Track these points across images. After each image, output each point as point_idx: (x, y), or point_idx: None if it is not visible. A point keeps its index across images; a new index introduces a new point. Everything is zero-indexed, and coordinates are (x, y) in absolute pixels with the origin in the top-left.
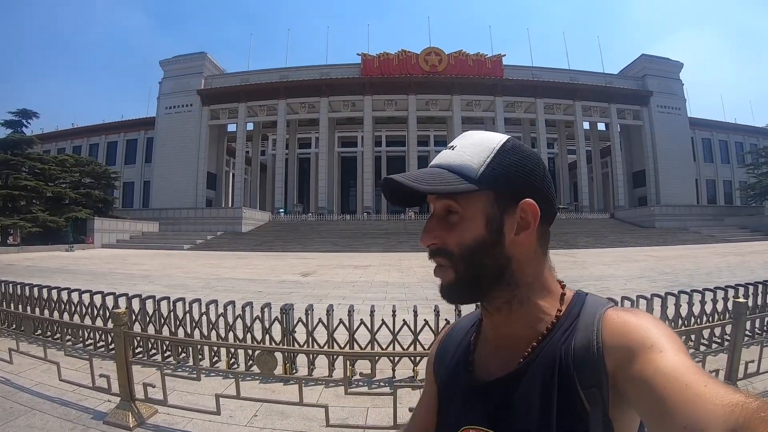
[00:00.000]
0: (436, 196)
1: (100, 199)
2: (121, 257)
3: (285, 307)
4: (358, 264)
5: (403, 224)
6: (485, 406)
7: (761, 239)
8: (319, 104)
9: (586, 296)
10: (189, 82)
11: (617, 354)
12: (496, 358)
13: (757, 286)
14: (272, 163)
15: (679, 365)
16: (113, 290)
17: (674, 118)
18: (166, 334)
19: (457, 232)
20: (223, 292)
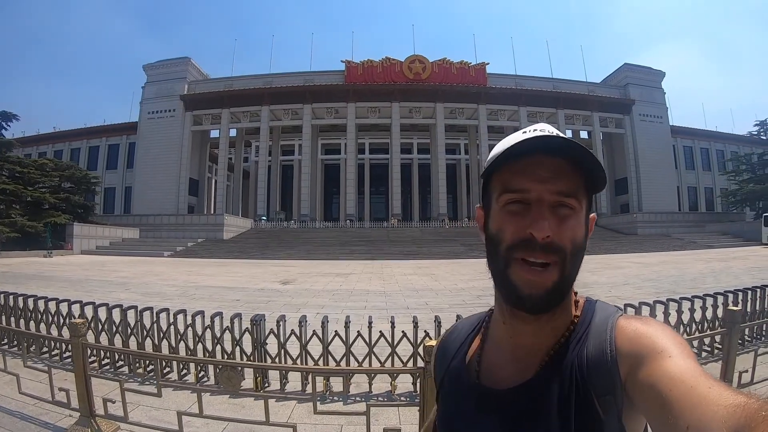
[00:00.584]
0: (559, 185)
1: (79, 204)
2: (100, 264)
3: (255, 318)
4: (339, 272)
5: (385, 232)
6: (500, 415)
7: (743, 245)
8: (303, 111)
9: (596, 303)
10: (172, 86)
11: (628, 361)
12: (512, 366)
13: (747, 292)
14: (255, 169)
15: (686, 369)
16: (88, 298)
17: (656, 126)
18: (133, 345)
19: (570, 226)
20: (199, 301)
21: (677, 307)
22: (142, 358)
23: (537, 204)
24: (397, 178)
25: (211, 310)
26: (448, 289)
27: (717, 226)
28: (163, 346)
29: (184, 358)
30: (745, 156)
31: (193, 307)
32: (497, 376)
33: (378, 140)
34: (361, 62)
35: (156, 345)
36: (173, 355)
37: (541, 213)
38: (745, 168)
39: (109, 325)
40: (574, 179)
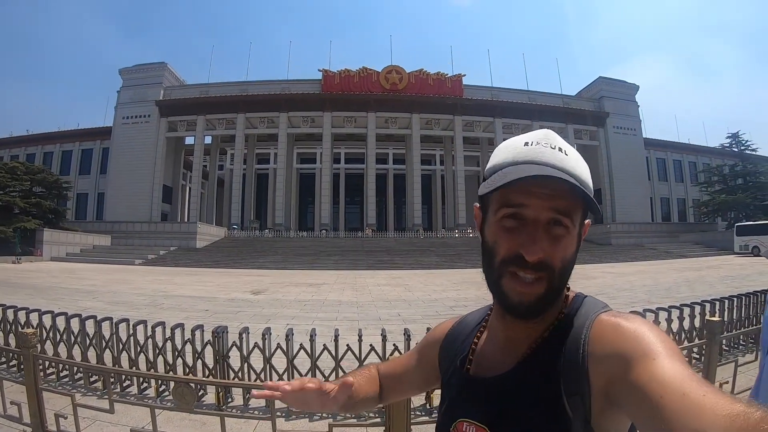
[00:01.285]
0: (554, 205)
1: (50, 209)
2: (69, 271)
3: (217, 330)
4: (312, 282)
5: (360, 242)
6: (479, 402)
7: (715, 254)
8: (279, 119)
9: (584, 299)
10: (148, 92)
11: (608, 362)
12: (500, 356)
13: (724, 301)
14: (230, 177)
15: (676, 373)
16: (53, 306)
17: (630, 138)
18: (93, 357)
19: (562, 246)
20: (168, 311)
21: (654, 318)
22: (90, 371)
23: (533, 224)
24: (372, 188)
25: (178, 320)
26: (421, 300)
27: (690, 236)
28: (123, 358)
29: (130, 372)
30: (717, 167)
31: (160, 317)
32: (488, 365)
33: (354, 150)
34: (338, 71)
35: (115, 357)
36: (119, 369)
37: (533, 235)
38: (717, 179)
39: (68, 335)
40: (571, 200)
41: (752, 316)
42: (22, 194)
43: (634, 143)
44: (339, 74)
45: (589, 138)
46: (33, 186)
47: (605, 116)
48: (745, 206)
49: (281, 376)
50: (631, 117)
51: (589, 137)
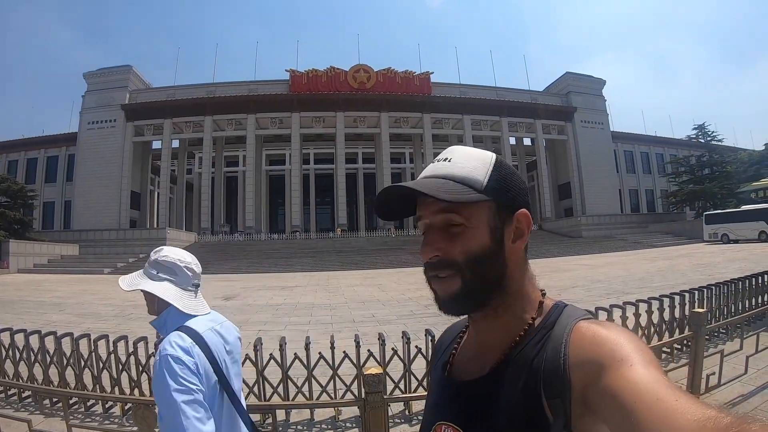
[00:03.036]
0: (436, 207)
1: (16, 219)
2: (36, 283)
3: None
4: (284, 285)
5: (331, 242)
6: (457, 405)
7: (685, 243)
8: (246, 121)
9: (564, 307)
10: (113, 96)
11: (586, 368)
12: (475, 360)
13: (703, 290)
14: (198, 181)
15: (650, 379)
16: (18, 320)
17: (597, 132)
18: (55, 375)
19: (461, 241)
20: (135, 321)
21: (635, 310)
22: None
23: (428, 229)
24: (342, 188)
25: (146, 331)
26: (395, 300)
27: (659, 226)
28: (87, 375)
29: (82, 394)
30: (685, 158)
31: (128, 328)
32: (465, 369)
33: (323, 150)
34: (305, 71)
35: (77, 375)
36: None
37: (427, 238)
38: (685, 170)
39: (28, 353)
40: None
41: (731, 305)
42: None
43: (601, 137)
44: (307, 74)
45: (558, 132)
46: None
47: (573, 111)
48: (713, 195)
49: (251, 389)
50: (599, 111)
51: (557, 132)
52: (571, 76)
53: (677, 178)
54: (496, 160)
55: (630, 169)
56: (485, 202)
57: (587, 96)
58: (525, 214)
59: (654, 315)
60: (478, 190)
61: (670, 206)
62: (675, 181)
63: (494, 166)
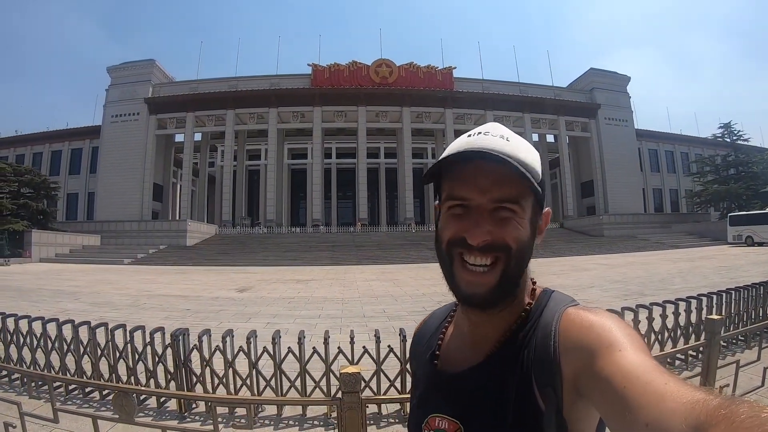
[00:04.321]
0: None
1: (39, 210)
2: (56, 272)
3: (176, 333)
4: (300, 278)
5: (351, 237)
6: (450, 396)
7: (708, 244)
8: (268, 115)
9: (551, 294)
10: (136, 90)
11: (576, 354)
12: (465, 351)
13: (722, 295)
14: (220, 174)
15: (639, 364)
16: (33, 308)
17: (621, 129)
18: (56, 362)
19: (512, 227)
20: (148, 311)
21: (648, 314)
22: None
23: (476, 210)
24: (363, 182)
25: (158, 320)
26: (408, 295)
27: (682, 226)
28: (85, 361)
29: (69, 380)
30: (709, 158)
31: (140, 318)
32: (455, 360)
33: (345, 144)
34: (327, 66)
35: (77, 361)
36: (56, 376)
37: (477, 220)
38: (709, 169)
39: (31, 339)
40: (514, 185)
41: (751, 310)
42: (10, 196)
43: (625, 134)
44: (329, 68)
45: (581, 129)
46: (21, 187)
47: (596, 108)
48: (738, 196)
49: (244, 381)
50: (623, 108)
51: (580, 129)
52: (595, 72)
53: (702, 178)
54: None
55: (654, 168)
56: (533, 195)
57: (611, 93)
58: (549, 213)
59: (669, 319)
60: (538, 182)
61: (694, 206)
62: (699, 180)
63: (539, 160)
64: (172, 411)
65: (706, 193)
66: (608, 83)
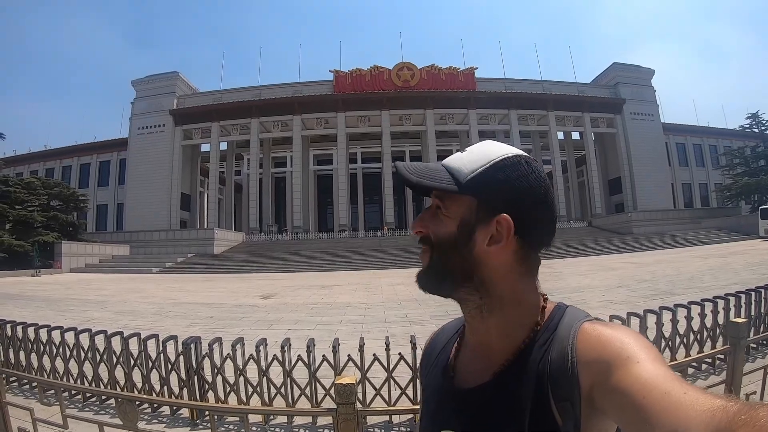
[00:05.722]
0: (435, 192)
1: (68, 222)
2: (85, 282)
3: (188, 341)
4: (325, 284)
5: (378, 241)
6: (461, 414)
7: (740, 239)
8: (292, 122)
9: (566, 309)
10: (161, 101)
11: (593, 367)
12: (474, 365)
13: (750, 294)
14: (247, 182)
15: (657, 374)
16: (60, 317)
17: (647, 124)
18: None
19: (435, 223)
20: (173, 318)
21: (672, 316)
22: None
23: (427, 207)
24: (389, 186)
25: (181, 327)
26: (433, 299)
27: (713, 221)
28: (102, 369)
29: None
30: (739, 150)
31: (163, 326)
32: (466, 375)
33: (370, 149)
34: (349, 71)
35: (94, 368)
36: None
37: (421, 213)
38: (739, 162)
39: (50, 347)
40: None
41: None
42: (40, 208)
43: (652, 129)
44: (350, 74)
45: (607, 125)
46: (50, 200)
47: (621, 103)
48: None
49: (255, 388)
50: (648, 102)
51: (606, 125)
52: (619, 66)
53: (731, 171)
54: (506, 159)
55: (682, 162)
56: (463, 196)
57: (636, 87)
58: (506, 219)
59: (695, 321)
60: (457, 183)
61: (724, 200)
62: (729, 174)
63: (493, 164)
64: (185, 418)
65: (736, 186)
66: (632, 77)
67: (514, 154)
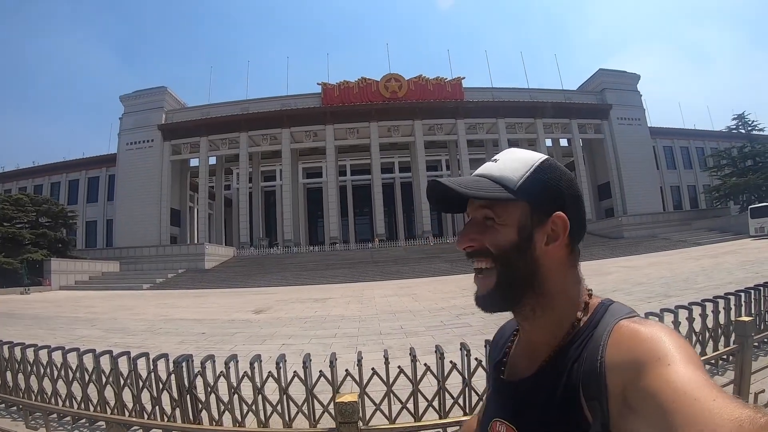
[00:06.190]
0: (478, 203)
1: (57, 239)
2: (75, 300)
3: (179, 360)
4: (318, 297)
5: (369, 253)
6: (509, 403)
7: (731, 239)
8: (281, 135)
9: (609, 305)
10: (149, 117)
11: (622, 368)
12: (524, 360)
13: (750, 292)
14: (236, 197)
15: (688, 379)
16: (49, 335)
17: (635, 128)
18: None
19: (490, 233)
20: (163, 336)
21: (673, 318)
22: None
23: (468, 221)
24: (379, 198)
25: (173, 344)
26: (427, 310)
27: (703, 222)
28: (91, 390)
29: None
30: (726, 150)
31: (154, 343)
32: (516, 369)
33: (359, 161)
34: (337, 84)
35: (83, 389)
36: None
37: (464, 228)
38: (726, 162)
39: (38, 368)
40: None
41: None
42: (29, 225)
43: (639, 133)
44: (338, 86)
45: (594, 131)
46: (39, 217)
47: (608, 108)
48: (757, 187)
49: (250, 407)
50: (635, 107)
51: (593, 131)
52: (605, 72)
53: (719, 172)
54: (543, 163)
55: (670, 165)
56: (518, 201)
57: (622, 92)
58: (561, 216)
59: (696, 322)
60: (510, 190)
61: (713, 201)
62: (717, 174)
63: (536, 168)
64: None
65: (724, 186)
66: (618, 83)
67: (546, 157)
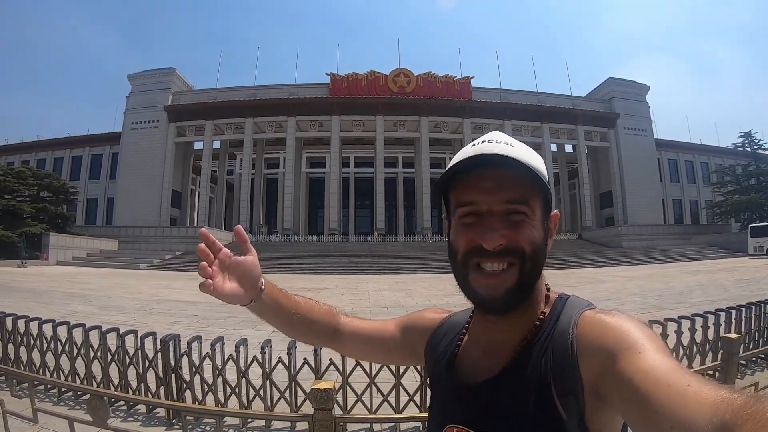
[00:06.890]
0: (510, 195)
1: (57, 214)
2: (71, 275)
3: (166, 339)
4: (312, 287)
5: (368, 246)
6: (468, 408)
7: (729, 256)
8: (287, 124)
9: (567, 299)
10: (156, 97)
11: (595, 357)
12: (484, 361)
13: (741, 310)
14: (239, 182)
15: (660, 365)
16: (42, 309)
17: (641, 139)
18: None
19: (526, 230)
20: (156, 315)
21: (662, 330)
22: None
23: (488, 215)
24: (381, 192)
25: (165, 325)
26: (420, 306)
27: (703, 237)
28: (79, 364)
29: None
30: (730, 168)
31: (146, 322)
32: (471, 370)
33: (363, 154)
34: (345, 75)
35: (71, 362)
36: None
37: (490, 224)
38: (730, 179)
39: (27, 339)
40: (521, 186)
41: None
42: (30, 199)
43: (645, 144)
44: (347, 78)
45: (600, 139)
46: (40, 191)
47: (615, 117)
48: (759, 207)
49: (233, 390)
50: (642, 118)
51: (599, 139)
52: (614, 81)
53: (722, 188)
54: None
55: (674, 179)
56: (546, 196)
57: (630, 102)
58: (557, 215)
59: (684, 336)
60: (547, 183)
61: (714, 217)
62: (720, 191)
63: (542, 162)
64: (161, 417)
65: (726, 203)
66: (627, 92)
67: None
